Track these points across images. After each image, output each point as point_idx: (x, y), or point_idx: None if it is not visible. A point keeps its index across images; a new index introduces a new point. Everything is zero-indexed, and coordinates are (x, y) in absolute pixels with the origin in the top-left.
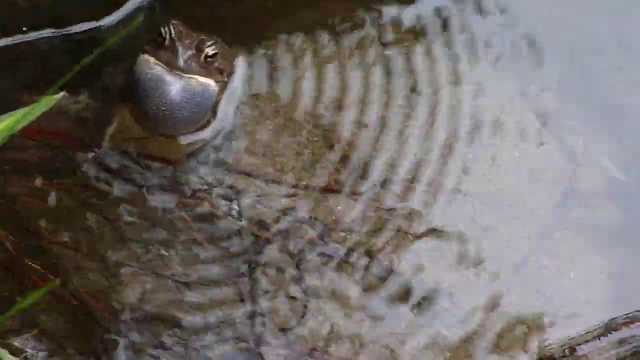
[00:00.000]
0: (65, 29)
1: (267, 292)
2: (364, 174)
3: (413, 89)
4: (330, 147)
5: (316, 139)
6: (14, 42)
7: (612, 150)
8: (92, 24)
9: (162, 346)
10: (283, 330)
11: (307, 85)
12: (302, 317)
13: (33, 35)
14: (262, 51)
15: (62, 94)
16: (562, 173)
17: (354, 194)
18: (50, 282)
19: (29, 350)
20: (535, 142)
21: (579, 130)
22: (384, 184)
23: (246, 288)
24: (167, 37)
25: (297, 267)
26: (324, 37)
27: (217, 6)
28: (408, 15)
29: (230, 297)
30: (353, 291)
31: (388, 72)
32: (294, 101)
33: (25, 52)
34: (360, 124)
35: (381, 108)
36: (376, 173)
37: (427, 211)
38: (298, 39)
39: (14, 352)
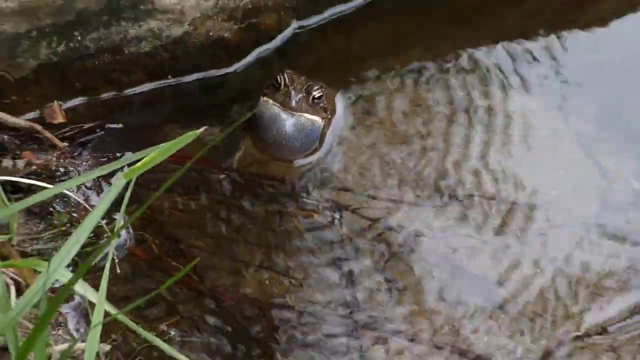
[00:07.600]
0: (202, 74)
1: (361, 284)
2: (438, 190)
3: (486, 122)
4: (414, 167)
5: (402, 162)
6: (159, 85)
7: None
8: (224, 70)
9: (278, 330)
10: (372, 316)
11: (395, 120)
12: (388, 304)
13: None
14: (359, 92)
15: (202, 129)
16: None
17: (435, 206)
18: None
19: (172, 333)
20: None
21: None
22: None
23: (344, 285)
24: (282, 83)
25: (384, 268)
26: (411, 79)
27: (322, 57)
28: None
29: (334, 290)
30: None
31: (464, 109)
32: (386, 133)
33: (167, 93)
34: (427, 150)
35: (455, 138)
36: (446, 190)
37: (490, 221)
38: (388, 80)
39: (159, 335)
